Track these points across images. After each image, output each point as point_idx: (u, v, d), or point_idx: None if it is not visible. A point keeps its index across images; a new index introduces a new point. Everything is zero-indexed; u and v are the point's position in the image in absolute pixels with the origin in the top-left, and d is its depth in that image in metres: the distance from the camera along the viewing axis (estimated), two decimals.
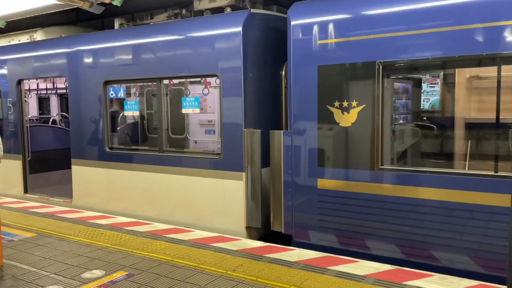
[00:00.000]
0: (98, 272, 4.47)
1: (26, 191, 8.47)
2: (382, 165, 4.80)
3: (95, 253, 5.09)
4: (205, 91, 7.07)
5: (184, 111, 6.30)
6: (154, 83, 7.02)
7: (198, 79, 7.92)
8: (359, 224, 4.95)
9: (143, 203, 6.74)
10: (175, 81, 8.06)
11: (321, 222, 5.20)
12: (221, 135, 5.89)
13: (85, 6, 6.68)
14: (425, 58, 4.48)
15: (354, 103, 4.87)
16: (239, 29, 5.64)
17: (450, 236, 4.48)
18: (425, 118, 5.09)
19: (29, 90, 12.83)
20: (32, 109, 14.40)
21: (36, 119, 12.96)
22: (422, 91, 5.37)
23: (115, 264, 4.70)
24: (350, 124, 4.91)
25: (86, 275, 4.42)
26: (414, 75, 5.26)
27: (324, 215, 5.17)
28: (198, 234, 5.75)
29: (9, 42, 9.08)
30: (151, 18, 7.51)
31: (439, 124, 5.08)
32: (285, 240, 5.72)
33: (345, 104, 4.93)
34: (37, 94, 13.42)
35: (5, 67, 8.49)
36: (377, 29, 4.70)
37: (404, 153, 5.22)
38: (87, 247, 5.32)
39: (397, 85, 5.52)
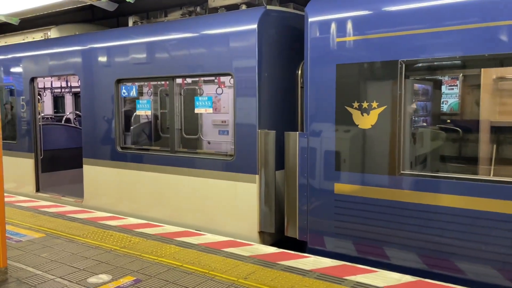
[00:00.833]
0: (104, 277, 4.31)
1: (38, 189, 8.41)
2: (403, 170, 4.54)
3: (103, 256, 4.94)
4: (219, 90, 6.89)
5: (196, 110, 6.12)
6: (167, 82, 6.87)
7: (212, 78, 7.75)
8: (378, 231, 4.69)
9: (154, 204, 6.59)
10: (189, 80, 7.91)
11: (337, 229, 4.96)
12: (234, 136, 5.69)
13: None
14: (452, 56, 4.21)
15: (374, 104, 4.62)
16: (254, 26, 5.44)
17: (475, 246, 4.20)
18: (448, 121, 4.82)
19: (44, 88, 12.88)
20: (47, 108, 14.44)
21: (51, 118, 12.97)
22: (446, 92, 5.09)
23: (122, 269, 4.54)
24: (370, 126, 4.66)
25: (92, 279, 4.26)
26: (439, 75, 4.99)
27: (341, 221, 4.93)
28: (209, 238, 5.56)
29: (23, 39, 9.05)
30: (165, 16, 7.37)
31: (463, 127, 4.79)
32: (300, 246, 5.49)
33: (364, 105, 4.68)
34: (51, 92, 13.44)
35: (18, 65, 8.45)
36: (400, 26, 4.44)
37: (426, 157, 4.95)
38: (95, 249, 5.18)
39: (418, 85, 5.25)
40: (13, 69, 8.56)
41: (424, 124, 5.25)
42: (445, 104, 5.62)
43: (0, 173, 4.10)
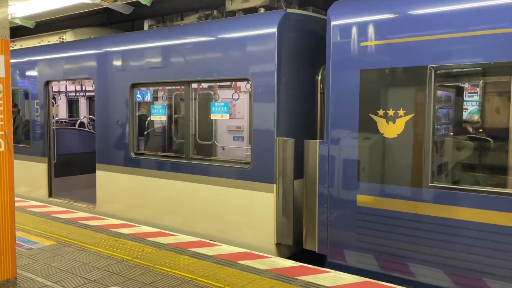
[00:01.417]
0: None
1: (50, 194, 8.31)
2: (431, 182, 4.27)
3: (114, 266, 4.77)
4: (235, 96, 6.70)
5: (212, 117, 5.94)
6: (182, 87, 6.70)
7: (228, 83, 7.57)
8: (403, 247, 4.43)
9: (168, 212, 6.41)
10: (204, 85, 7.75)
11: (359, 243, 4.71)
12: (251, 143, 5.49)
13: (108, 0, 6.39)
14: (487, 62, 3.95)
15: (401, 112, 4.38)
16: (274, 30, 5.24)
17: (509, 266, 3.91)
18: (481, 130, 4.55)
19: (59, 92, 12.85)
20: (62, 111, 14.43)
21: (65, 122, 12.93)
22: (476, 99, 4.82)
23: (134, 281, 4.35)
24: (396, 135, 4.42)
25: None
26: (471, 82, 4.72)
27: (363, 235, 4.68)
28: (224, 249, 5.35)
29: (39, 43, 9.01)
30: (182, 19, 7.23)
31: (496, 137, 4.52)
32: (318, 259, 5.25)
33: (390, 112, 4.44)
34: (66, 96, 13.42)
35: (33, 68, 8.39)
36: (429, 30, 4.20)
37: (457, 169, 4.68)
38: (107, 259, 5.01)
39: (447, 92, 4.99)
40: (27, 73, 8.50)
41: (452, 133, 4.98)
42: (467, 111, 5.34)
43: (11, 182, 3.96)
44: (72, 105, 15.62)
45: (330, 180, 4.90)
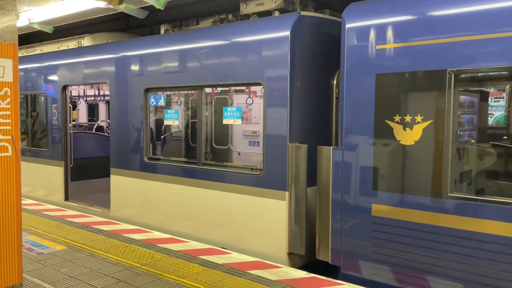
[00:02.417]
0: None
1: (66, 198, 8.35)
2: (451, 192, 4.05)
3: (122, 273, 4.69)
4: (249, 100, 6.58)
5: (225, 121, 5.83)
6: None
7: (243, 88, 7.47)
8: (421, 260, 4.21)
9: (180, 218, 6.32)
10: (218, 89, 7.67)
11: (374, 254, 4.50)
12: (263, 149, 5.35)
13: (113, 3, 6.38)
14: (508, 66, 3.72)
15: (418, 118, 4.17)
16: (287, 33, 5.11)
17: None
18: (505, 137, 4.31)
19: (79, 96, 13.02)
20: (82, 116, 14.63)
21: (84, 126, 13.08)
22: (502, 105, 4.57)
23: None
24: (413, 142, 4.21)
25: None
26: (497, 86, 4.49)
27: (378, 247, 4.47)
28: (234, 257, 5.22)
29: (58, 48, 9.11)
30: (197, 24, 7.17)
31: None
32: (334, 270, 5.06)
33: (407, 118, 4.24)
34: (85, 100, 13.59)
35: (51, 73, 8.47)
36: (449, 33, 3.99)
37: (477, 179, 4.43)
38: (116, 265, 4.94)
39: (465, 98, 4.75)
40: (45, 77, 8.59)
41: (474, 140, 4.73)
42: (493, 116, 5.08)
43: (18, 187, 3.93)
44: (93, 109, 15.84)
45: (344, 188, 4.72)
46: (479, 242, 3.91)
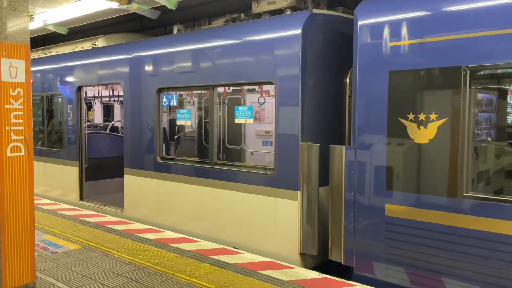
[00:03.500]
0: None
1: (81, 198, 8.44)
2: (466, 192, 3.94)
3: (134, 273, 4.71)
4: (261, 100, 6.54)
5: (236, 121, 5.80)
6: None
7: (255, 87, 7.44)
8: (436, 261, 4.11)
9: (193, 218, 6.32)
10: (230, 89, 7.66)
11: (388, 255, 4.42)
12: (275, 148, 5.31)
13: (122, 3, 6.40)
14: None
15: (433, 116, 4.08)
16: (298, 31, 5.06)
17: None
18: None
19: (94, 97, 13.16)
20: (97, 116, 14.79)
21: (100, 126, 13.21)
22: None
23: None
24: (428, 141, 4.12)
25: None
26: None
27: (392, 247, 4.39)
28: (246, 257, 5.19)
29: (73, 49, 9.22)
30: (209, 23, 7.17)
31: None
32: (347, 271, 4.99)
33: (421, 117, 4.15)
34: (100, 101, 13.73)
35: (66, 74, 8.58)
36: (464, 28, 3.89)
37: (494, 178, 4.31)
38: (128, 265, 4.96)
39: (483, 96, 4.63)
40: (61, 78, 8.70)
41: (491, 138, 4.61)
42: None
43: (31, 187, 3.97)
44: (110, 110, 16.01)
45: (357, 187, 4.65)
46: (496, 243, 3.80)
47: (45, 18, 8.00)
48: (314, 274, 4.66)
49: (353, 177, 4.68)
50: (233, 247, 5.66)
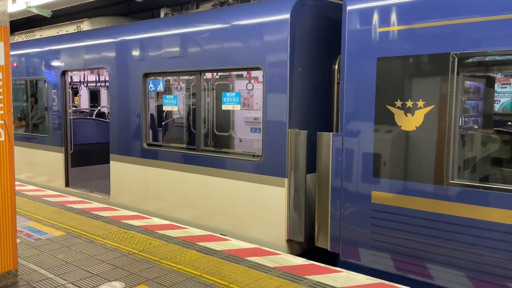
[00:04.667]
0: (117, 285, 4.02)
1: (67, 184, 8.34)
2: (452, 179, 3.96)
3: (119, 260, 4.67)
4: (249, 86, 6.47)
5: (224, 107, 5.74)
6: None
7: (243, 73, 7.36)
8: (421, 248, 4.14)
9: (180, 205, 6.28)
10: (219, 74, 7.56)
11: (374, 242, 4.44)
12: (263, 135, 5.27)
13: None
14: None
15: (420, 103, 4.06)
16: (287, 16, 4.98)
17: None
18: (510, 123, 4.19)
19: (80, 82, 12.94)
20: (84, 102, 14.56)
21: (86, 112, 13.03)
22: (510, 91, 4.45)
23: (137, 276, 4.23)
24: (415, 128, 4.11)
25: (104, 287, 3.97)
26: (503, 71, 4.35)
27: (378, 234, 4.40)
28: (233, 244, 5.18)
29: (57, 33, 9.01)
30: (197, 7, 7.03)
31: None
32: (331, 257, 5.01)
33: (409, 104, 4.13)
34: (86, 86, 13.51)
35: (50, 58, 8.39)
36: (452, 15, 3.85)
37: (480, 165, 4.33)
38: (113, 251, 4.92)
39: (470, 83, 4.62)
40: (45, 62, 8.51)
41: (478, 126, 4.62)
42: (499, 103, 4.95)
43: (12, 173, 3.88)
44: (96, 96, 15.78)
45: (344, 174, 4.64)
46: (481, 230, 3.83)
47: (27, 0, 7.78)
48: (300, 261, 4.67)
49: (340, 164, 4.67)
50: (221, 234, 5.65)
